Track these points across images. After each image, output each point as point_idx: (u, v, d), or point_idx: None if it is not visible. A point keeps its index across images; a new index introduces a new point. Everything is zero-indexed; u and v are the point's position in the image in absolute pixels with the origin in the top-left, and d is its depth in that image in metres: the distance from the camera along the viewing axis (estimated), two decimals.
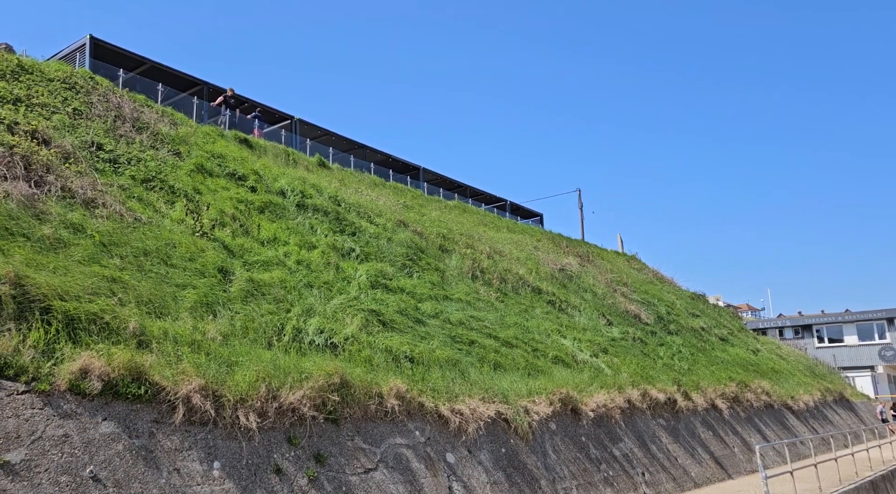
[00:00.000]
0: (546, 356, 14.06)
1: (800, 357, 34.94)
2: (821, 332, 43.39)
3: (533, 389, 11.52)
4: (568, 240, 28.91)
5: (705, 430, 16.55)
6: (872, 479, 14.44)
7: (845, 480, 13.60)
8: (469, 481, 8.87)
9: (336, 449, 7.61)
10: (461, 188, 33.09)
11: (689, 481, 14.05)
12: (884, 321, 41.00)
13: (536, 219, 37.76)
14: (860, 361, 41.20)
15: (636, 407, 14.25)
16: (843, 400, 30.71)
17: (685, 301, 30.06)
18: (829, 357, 40.55)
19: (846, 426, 27.19)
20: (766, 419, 20.76)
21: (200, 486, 6.19)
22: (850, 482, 13.47)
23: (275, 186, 14.46)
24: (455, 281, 15.70)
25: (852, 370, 40.64)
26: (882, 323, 41.07)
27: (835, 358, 40.63)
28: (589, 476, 11.20)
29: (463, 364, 11.08)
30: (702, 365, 20.83)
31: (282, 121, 24.63)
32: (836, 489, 12.42)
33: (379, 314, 11.21)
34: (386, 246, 15.02)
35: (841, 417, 28.42)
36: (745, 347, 28.21)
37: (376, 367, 9.29)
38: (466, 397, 9.92)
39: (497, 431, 10.04)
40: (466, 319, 13.50)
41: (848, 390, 33.55)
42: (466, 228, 21.29)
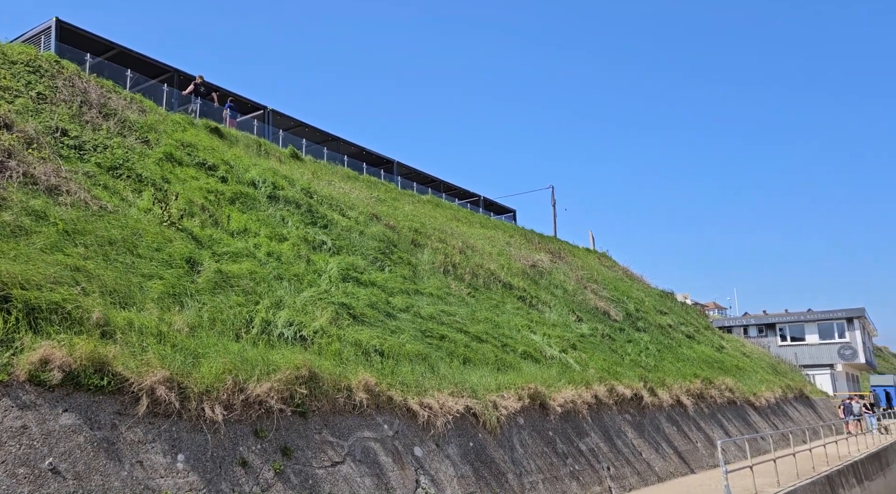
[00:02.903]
0: (516, 351, 14.17)
1: (763, 354, 35.80)
2: (784, 331, 44.48)
3: (502, 384, 11.61)
4: (540, 236, 29.13)
5: (670, 426, 16.86)
6: (828, 474, 14.89)
7: (802, 475, 14.00)
8: (436, 474, 8.91)
9: (303, 442, 7.58)
10: (435, 182, 33.08)
11: (653, 475, 14.32)
12: (843, 320, 42.19)
13: (509, 215, 37.95)
14: (820, 359, 42.36)
15: (603, 402, 14.46)
16: (803, 397, 31.56)
17: (654, 298, 30.53)
18: (791, 355, 41.61)
19: (805, 422, 27.95)
20: (728, 415, 21.23)
21: (164, 479, 6.11)
22: (807, 476, 13.86)
23: (246, 177, 14.28)
24: (427, 275, 15.71)
25: (813, 368, 41.77)
26: (842, 323, 42.26)
27: (796, 356, 41.70)
28: (555, 470, 11.34)
29: (433, 358, 11.11)
30: (668, 362, 21.20)
31: (254, 111, 24.31)
32: (794, 483, 12.77)
33: (349, 307, 11.17)
34: (358, 239, 14.96)
35: (800, 414, 29.21)
36: (711, 345, 28.79)
37: (346, 361, 9.27)
38: (436, 391, 9.96)
39: (465, 425, 10.10)
40: (437, 314, 13.53)
41: (808, 387, 34.48)
42: (439, 223, 21.30)
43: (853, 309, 42.20)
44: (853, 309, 42.25)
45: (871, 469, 19.41)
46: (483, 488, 9.50)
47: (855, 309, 42.23)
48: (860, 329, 42.29)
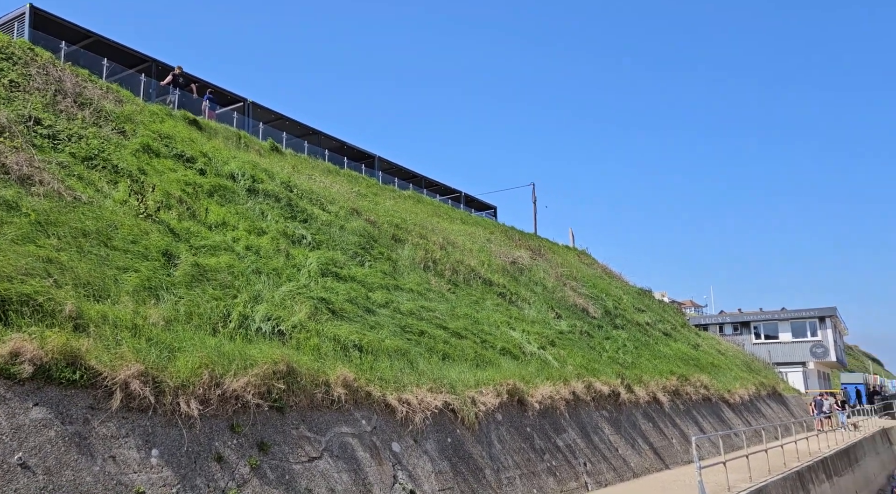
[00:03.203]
0: (495, 347, 14.21)
1: (738, 352, 36.36)
2: (758, 329, 45.20)
3: (481, 380, 11.64)
4: (521, 233, 29.23)
5: (646, 422, 17.05)
6: (799, 470, 15.18)
7: (774, 470, 14.25)
8: (414, 470, 8.91)
9: (280, 438, 7.52)
10: (416, 178, 33.02)
11: (629, 471, 14.47)
12: (816, 319, 42.99)
13: (490, 211, 38.03)
14: (793, 357, 43.13)
15: (581, 398, 14.57)
16: (775, 394, 32.13)
17: (632, 296, 30.83)
18: (765, 353, 42.32)
19: (778, 419, 28.47)
20: (703, 411, 21.53)
21: (137, 474, 6.03)
22: (779, 472, 14.12)
23: (225, 170, 14.12)
24: (407, 271, 15.69)
25: (786, 365, 42.53)
26: (814, 322, 43.07)
27: (770, 354, 42.42)
28: (532, 466, 11.40)
29: (412, 354, 11.10)
30: (645, 359, 21.43)
31: (234, 104, 24.02)
32: (766, 479, 13.00)
33: (328, 302, 11.11)
34: (338, 234, 14.88)
35: (773, 410, 29.74)
36: (687, 342, 29.17)
37: (324, 356, 9.22)
38: (414, 387, 9.95)
39: (444, 421, 10.11)
40: (417, 309, 13.52)
41: (781, 385, 35.11)
42: (420, 219, 21.27)
43: (825, 309, 43.02)
44: (825, 308, 43.06)
45: (841, 465, 19.83)
46: (460, 483, 9.52)
47: (827, 308, 43.04)
48: (832, 328, 43.13)
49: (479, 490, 9.80)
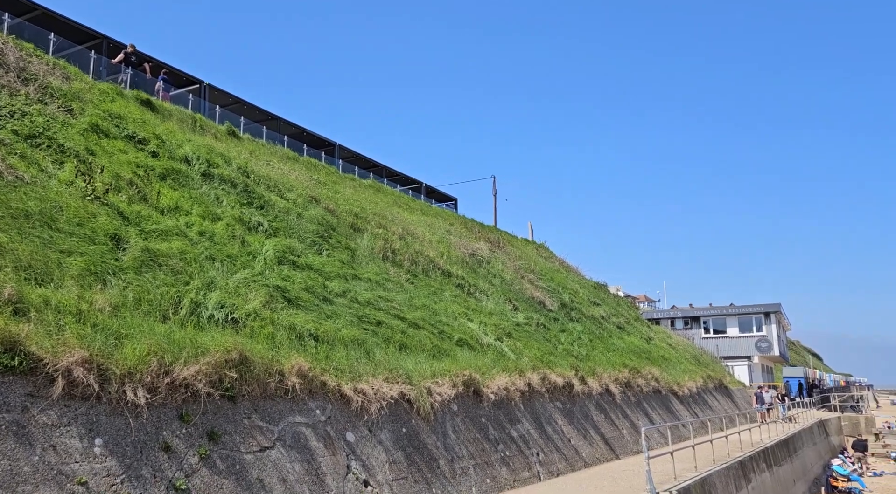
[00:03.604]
0: (452, 338, 14.24)
1: (687, 346, 37.41)
2: (707, 324, 46.58)
3: (437, 370, 11.65)
4: (480, 225, 29.34)
5: (598, 413, 17.39)
6: (741, 459, 15.72)
7: (718, 460, 14.72)
8: (368, 460, 8.87)
9: (231, 427, 7.38)
10: (377, 167, 32.77)
11: (581, 461, 14.75)
12: (762, 315, 44.55)
13: (451, 203, 38.05)
14: (739, 351, 44.62)
15: (536, 390, 14.75)
16: (722, 386, 33.20)
17: (588, 289, 31.34)
18: (713, 346, 43.65)
19: (723, 411, 29.43)
20: (653, 403, 22.09)
21: (79, 464, 5.82)
22: (723, 462, 14.60)
23: (179, 153, 13.71)
24: (366, 260, 15.56)
25: (732, 359, 43.96)
26: (760, 317, 44.62)
27: (717, 348, 43.78)
28: (486, 456, 11.50)
29: (369, 344, 11.03)
30: (599, 352, 21.83)
31: (189, 85, 23.34)
32: (710, 468, 13.42)
33: (284, 290, 10.94)
34: (296, 221, 14.65)
35: (719, 402, 30.73)
36: (640, 335, 29.83)
37: (279, 344, 9.07)
38: (370, 377, 9.90)
39: (399, 411, 10.09)
40: (375, 299, 13.43)
41: (727, 378, 36.30)
42: (380, 208, 21.13)
43: (770, 305, 44.59)
44: (770, 304, 44.63)
45: (780, 454, 20.63)
46: (414, 473, 9.53)
47: (772, 304, 44.62)
48: (776, 323, 44.77)
49: (432, 480, 9.83)
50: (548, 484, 12.16)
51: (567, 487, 11.74)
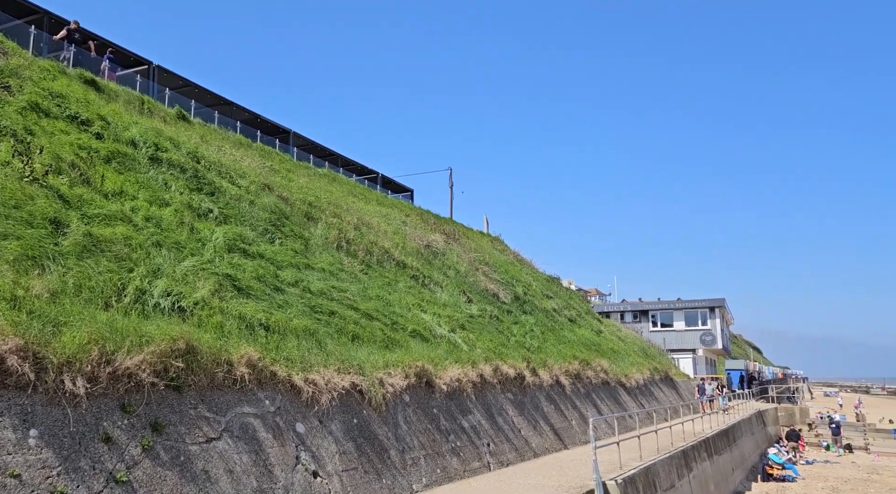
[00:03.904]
0: (405, 329, 14.23)
1: (636, 339, 38.37)
2: (655, 317, 47.86)
3: (390, 361, 11.62)
4: (436, 217, 29.35)
5: (548, 404, 17.68)
6: (684, 449, 16.25)
7: (662, 450, 15.18)
8: (318, 451, 8.79)
9: (176, 418, 7.19)
10: (332, 156, 32.37)
11: (530, 451, 14.97)
12: (707, 309, 46.04)
13: (407, 194, 37.92)
14: (685, 344, 46.04)
15: (487, 381, 14.88)
16: (668, 378, 34.21)
17: (541, 282, 31.76)
18: (661, 340, 44.90)
19: (668, 402, 30.34)
20: (602, 394, 22.59)
21: (12, 455, 5.58)
22: (666, 451, 15.05)
23: (125, 135, 13.22)
24: (319, 250, 15.37)
25: (678, 352, 45.33)
26: (705, 312, 46.11)
27: (664, 341, 45.06)
28: (437, 447, 11.55)
29: (321, 334, 10.91)
30: (550, 344, 22.17)
31: (137, 66, 22.53)
32: (654, 457, 13.82)
33: (234, 279, 10.70)
34: (248, 209, 14.35)
35: (665, 394, 31.66)
36: (591, 328, 30.43)
37: (228, 334, 8.88)
38: (322, 367, 9.79)
39: (351, 402, 10.03)
40: (328, 289, 13.29)
41: (673, 370, 37.43)
42: (335, 197, 20.89)
43: (715, 299, 46.11)
44: (715, 299, 46.16)
45: (721, 444, 21.41)
46: (365, 464, 9.50)
47: (716, 299, 46.15)
48: (720, 317, 46.34)
49: (383, 470, 9.82)
50: (497, 474, 12.31)
51: (516, 477, 11.91)
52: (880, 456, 32.94)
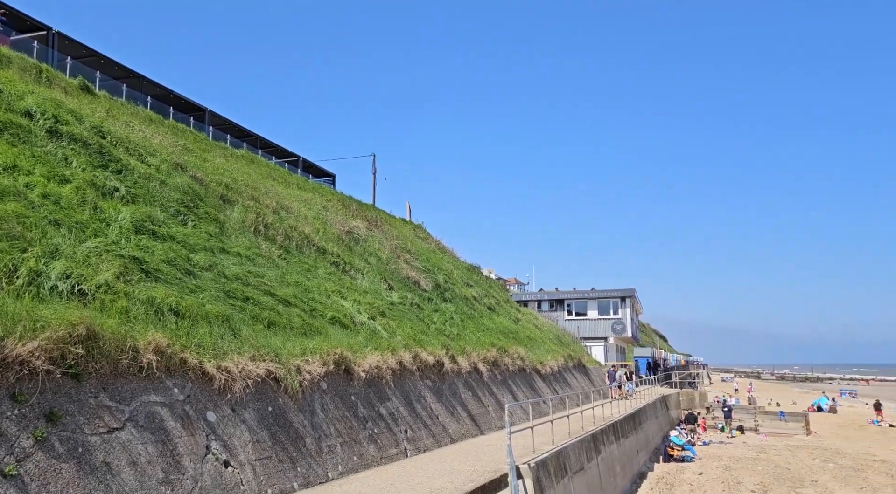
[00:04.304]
0: (324, 316, 14.01)
1: (552, 327, 39.58)
2: (570, 307, 49.49)
3: (308, 349, 11.41)
4: (359, 203, 29.02)
5: (466, 391, 17.94)
6: (594, 433, 16.94)
7: (573, 434, 15.75)
8: (230, 440, 8.52)
9: (75, 408, 6.76)
10: (251, 137, 31.31)
11: (447, 437, 15.15)
12: (618, 299, 48.06)
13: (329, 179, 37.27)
14: (597, 333, 47.91)
15: (407, 368, 14.91)
16: (581, 365, 35.52)
17: (462, 271, 32.10)
18: (575, 328, 46.51)
19: (581, 388, 31.52)
20: (518, 381, 23.16)
21: None
22: (577, 435, 15.64)
23: (19, 105, 12.22)
24: (235, 233, 14.85)
25: (591, 340, 47.12)
26: (616, 301, 48.12)
27: (579, 330, 46.71)
28: (355, 434, 11.48)
29: (235, 320, 10.56)
30: (470, 332, 22.49)
31: (35, 31, 20.86)
32: (566, 441, 14.33)
33: (142, 262, 10.16)
34: (158, 189, 13.64)
35: (577, 380, 32.87)
36: (509, 317, 31.09)
37: (134, 319, 8.42)
38: (236, 354, 9.47)
39: (266, 390, 9.77)
40: (244, 274, 12.87)
41: (585, 357, 38.88)
42: (253, 180, 20.22)
43: (626, 290, 48.19)
44: (626, 289, 48.24)
45: (627, 427, 22.48)
46: (279, 452, 9.30)
47: (627, 289, 48.24)
48: (630, 307, 48.50)
49: (298, 458, 9.65)
50: (414, 460, 12.38)
51: (432, 463, 12.02)
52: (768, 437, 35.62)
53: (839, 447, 31.23)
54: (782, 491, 19.80)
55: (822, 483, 21.36)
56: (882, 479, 22.31)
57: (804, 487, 20.55)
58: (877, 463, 25.61)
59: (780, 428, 38.03)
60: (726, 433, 36.83)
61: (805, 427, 37.90)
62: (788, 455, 27.54)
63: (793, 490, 19.96)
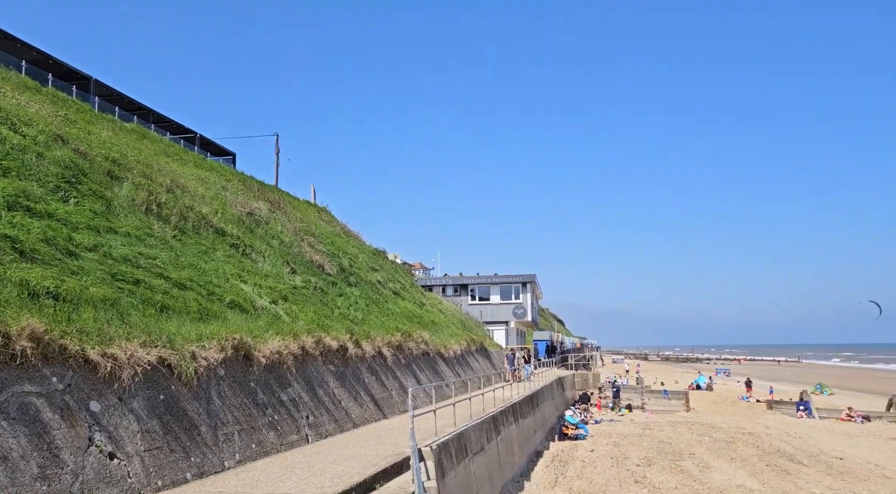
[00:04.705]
0: (223, 300, 13.47)
1: (456, 311, 40.18)
2: (474, 291, 50.44)
3: (204, 334, 10.94)
4: (260, 184, 28.01)
5: (370, 376, 17.89)
6: (494, 414, 17.42)
7: (474, 416, 16.12)
8: (116, 431, 8.03)
9: None
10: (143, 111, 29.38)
11: (350, 422, 15.07)
12: (519, 284, 49.51)
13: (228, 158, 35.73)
14: (499, 317, 49.17)
15: (309, 353, 14.65)
16: (483, 349, 36.36)
17: (367, 255, 31.85)
18: (478, 312, 47.48)
19: (483, 371, 32.29)
20: (422, 365, 23.38)
21: None
22: (478, 417, 16.02)
23: None
24: (125, 212, 13.91)
25: (493, 324, 48.30)
26: (518, 286, 49.56)
27: (481, 314, 47.74)
28: (253, 421, 11.15)
29: (124, 304, 9.92)
30: (374, 316, 22.39)
31: None
32: (467, 423, 14.64)
33: (16, 241, 9.30)
34: (35, 162, 12.51)
35: (480, 363, 33.64)
36: (414, 301, 31.24)
37: (5, 304, 7.70)
38: (124, 341, 8.91)
39: (158, 377, 9.28)
40: (134, 256, 12.10)
41: (487, 341, 39.83)
42: (145, 156, 19.00)
43: (527, 275, 49.71)
44: (527, 274, 49.76)
45: (526, 408, 23.30)
46: (171, 442, 8.88)
47: (528, 274, 49.78)
48: (531, 292, 50.12)
49: (192, 448, 9.26)
50: (315, 446, 12.22)
51: (334, 448, 11.92)
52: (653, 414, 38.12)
53: (714, 422, 33.95)
54: (664, 464, 21.28)
55: (698, 455, 23.15)
56: (749, 450, 24.50)
57: (683, 460, 22.19)
58: (745, 436, 28.08)
59: (664, 406, 40.78)
60: (616, 411, 39.04)
61: (685, 405, 40.88)
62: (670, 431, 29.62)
63: (673, 463, 21.51)
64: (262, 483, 8.79)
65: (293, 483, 8.73)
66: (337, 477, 9.13)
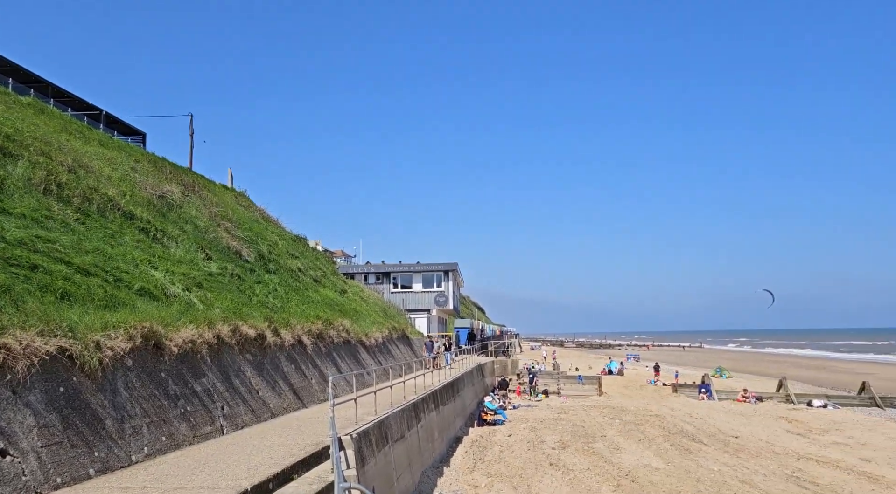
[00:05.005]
0: (131, 287, 12.79)
1: (378, 300, 40.00)
2: (396, 279, 50.34)
3: (111, 322, 10.34)
4: (173, 166, 26.70)
5: (289, 364, 17.52)
6: (414, 402, 17.50)
7: (395, 403, 16.13)
8: (9, 426, 7.47)
9: None
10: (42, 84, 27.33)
11: (268, 412, 14.72)
12: (441, 272, 49.84)
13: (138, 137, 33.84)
14: (422, 305, 49.36)
15: (226, 342, 14.17)
16: (404, 337, 36.41)
17: (288, 242, 31.10)
18: (400, 300, 47.46)
19: (404, 359, 32.34)
20: (343, 353, 23.14)
21: None
22: (399, 405, 16.04)
23: None
24: (20, 192, 12.91)
25: (415, 312, 48.43)
26: (440, 274, 49.88)
27: (403, 302, 47.75)
28: (164, 413, 10.69)
29: (18, 291, 9.22)
30: (294, 304, 21.93)
31: None
32: (388, 411, 14.63)
33: None
34: None
35: (401, 351, 33.68)
36: (335, 289, 30.83)
37: None
38: (18, 330, 8.29)
39: (57, 369, 8.70)
40: (30, 239, 11.27)
41: (409, 329, 39.92)
42: (43, 133, 17.69)
43: (449, 264, 50.12)
44: (449, 263, 50.17)
45: (446, 396, 23.56)
46: (72, 437, 8.37)
47: (450, 263, 50.20)
48: (452, 280, 50.58)
49: (95, 442, 8.76)
50: (231, 438, 11.87)
51: (251, 439, 11.61)
52: (568, 399, 39.50)
53: (624, 405, 35.59)
54: (578, 447, 22.12)
55: (609, 437, 24.22)
56: (656, 431, 25.87)
57: (595, 442, 23.15)
58: (652, 418, 29.62)
59: (578, 391, 42.33)
60: (533, 397, 40.17)
61: (598, 389, 42.61)
62: (584, 415, 30.81)
63: (586, 445, 22.39)
64: (172, 476, 8.44)
65: (206, 476, 8.44)
66: (253, 469, 8.90)
